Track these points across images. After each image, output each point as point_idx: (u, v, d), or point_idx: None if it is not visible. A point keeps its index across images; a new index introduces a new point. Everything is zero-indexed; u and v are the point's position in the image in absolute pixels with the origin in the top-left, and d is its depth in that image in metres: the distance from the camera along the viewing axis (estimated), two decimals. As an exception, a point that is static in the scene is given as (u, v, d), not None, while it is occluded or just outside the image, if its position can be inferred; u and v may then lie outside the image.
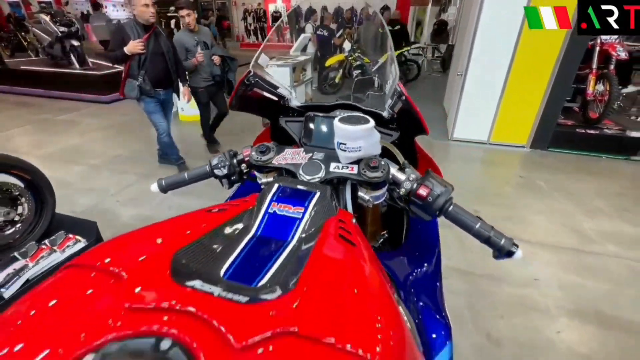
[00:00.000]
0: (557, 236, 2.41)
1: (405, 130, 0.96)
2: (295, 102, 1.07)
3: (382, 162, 0.70)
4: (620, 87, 5.83)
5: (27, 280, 1.45)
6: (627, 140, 3.68)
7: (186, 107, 4.75)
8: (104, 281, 0.40)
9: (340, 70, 6.05)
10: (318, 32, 6.31)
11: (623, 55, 3.65)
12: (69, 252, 1.62)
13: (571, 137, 3.83)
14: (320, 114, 0.96)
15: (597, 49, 3.80)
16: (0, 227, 1.54)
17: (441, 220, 0.76)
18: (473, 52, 3.67)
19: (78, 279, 0.42)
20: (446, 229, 0.96)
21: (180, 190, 0.94)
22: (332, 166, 0.73)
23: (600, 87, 3.87)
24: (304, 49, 5.37)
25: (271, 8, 14.47)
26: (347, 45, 5.86)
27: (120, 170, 3.38)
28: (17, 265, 1.49)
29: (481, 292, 1.92)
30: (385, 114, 0.91)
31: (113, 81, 5.99)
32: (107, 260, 0.43)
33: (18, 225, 1.61)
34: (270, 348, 0.32)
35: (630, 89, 5.19)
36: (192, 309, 0.35)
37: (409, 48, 6.73)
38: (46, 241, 1.64)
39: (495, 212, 2.68)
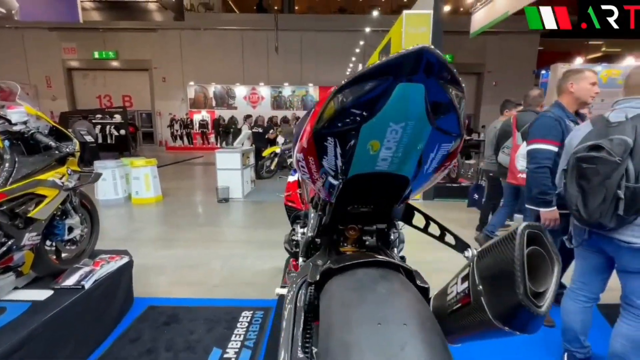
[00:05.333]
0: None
1: None
2: None
3: None
4: (464, 160, 8.58)
5: (95, 280, 1.85)
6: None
7: (141, 190, 5.16)
8: None
9: (276, 159, 7.38)
10: (253, 130, 7.78)
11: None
12: (120, 263, 2.06)
13: (446, 190, 5.66)
14: None
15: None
16: (73, 241, 1.94)
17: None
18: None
19: None
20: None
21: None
22: None
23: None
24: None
25: (197, 117, 16.20)
26: (280, 139, 7.38)
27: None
28: (87, 269, 1.88)
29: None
30: None
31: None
32: None
33: (79, 244, 2.01)
34: None
35: (471, 162, 7.81)
36: None
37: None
38: (96, 259, 2.05)
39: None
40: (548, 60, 11.93)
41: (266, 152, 7.44)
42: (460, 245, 0.72)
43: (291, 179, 1.63)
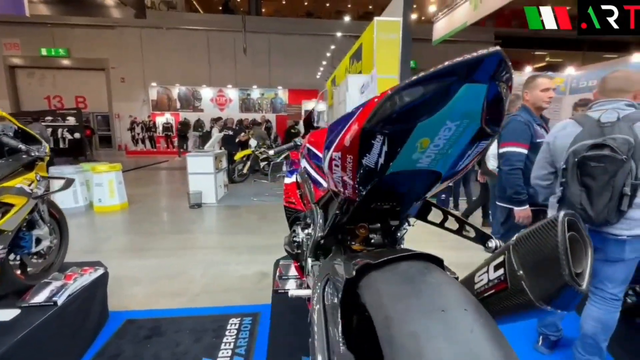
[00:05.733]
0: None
1: None
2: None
3: None
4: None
5: (69, 295, 1.70)
6: (444, 189, 5.94)
7: (105, 197, 4.82)
8: None
9: (248, 163, 7.25)
10: (223, 132, 7.57)
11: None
12: (95, 275, 1.91)
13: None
14: None
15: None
16: (40, 254, 1.77)
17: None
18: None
19: None
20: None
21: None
22: None
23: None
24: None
25: (160, 120, 15.43)
26: (252, 142, 7.27)
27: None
28: (58, 283, 1.73)
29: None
30: None
31: None
32: None
33: (47, 256, 1.84)
34: None
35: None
36: None
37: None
38: (67, 272, 1.88)
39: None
40: (501, 68, 12.94)
41: (238, 156, 7.29)
42: (481, 237, 0.76)
43: (288, 180, 1.62)
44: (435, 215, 0.97)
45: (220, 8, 18.55)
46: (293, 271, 1.90)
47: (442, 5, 10.59)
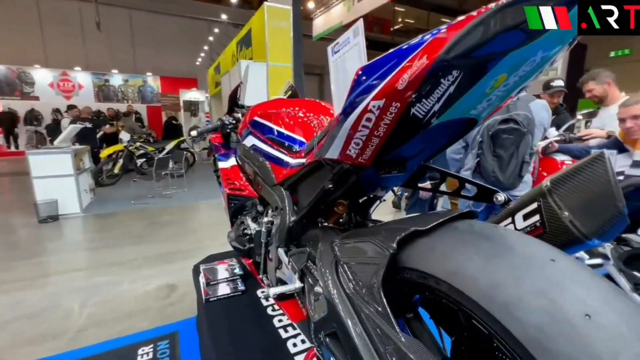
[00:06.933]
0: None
1: None
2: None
3: None
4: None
5: None
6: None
7: None
8: None
9: (120, 161, 5.99)
10: (78, 124, 5.99)
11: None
12: None
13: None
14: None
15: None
16: None
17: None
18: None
19: None
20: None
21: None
22: None
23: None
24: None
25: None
26: (124, 136, 6.04)
27: None
28: None
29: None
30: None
31: None
32: None
33: None
34: None
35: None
36: None
37: (184, 138, 7.71)
38: None
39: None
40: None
41: (105, 153, 5.96)
42: (487, 193, 0.77)
43: (224, 164, 1.34)
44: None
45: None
46: (223, 274, 1.64)
47: (319, 4, 11.20)
